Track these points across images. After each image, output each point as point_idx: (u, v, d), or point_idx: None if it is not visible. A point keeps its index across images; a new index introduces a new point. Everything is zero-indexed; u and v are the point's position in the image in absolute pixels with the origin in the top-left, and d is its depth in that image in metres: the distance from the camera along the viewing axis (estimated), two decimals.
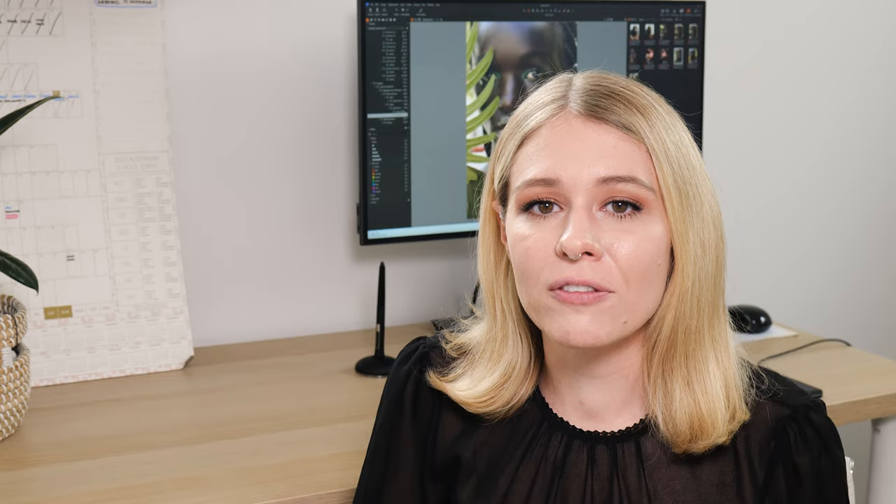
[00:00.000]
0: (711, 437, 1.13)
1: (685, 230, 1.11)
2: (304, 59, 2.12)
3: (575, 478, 1.19)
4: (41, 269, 1.86)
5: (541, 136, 1.13)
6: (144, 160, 1.96)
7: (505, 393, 1.21)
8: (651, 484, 1.16)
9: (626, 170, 1.09)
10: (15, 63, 1.86)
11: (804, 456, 1.16)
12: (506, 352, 1.21)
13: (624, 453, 1.17)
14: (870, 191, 2.78)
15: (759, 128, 2.60)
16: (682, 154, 1.12)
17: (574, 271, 1.09)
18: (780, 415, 1.17)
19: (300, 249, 2.17)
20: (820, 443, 1.16)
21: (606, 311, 1.10)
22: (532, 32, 2.06)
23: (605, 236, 1.09)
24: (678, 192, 1.11)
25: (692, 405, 1.14)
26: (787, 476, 1.16)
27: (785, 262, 2.68)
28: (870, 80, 2.73)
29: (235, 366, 1.98)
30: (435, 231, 2.06)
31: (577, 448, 1.19)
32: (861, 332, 2.67)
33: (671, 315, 1.13)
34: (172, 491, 1.46)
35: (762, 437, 1.16)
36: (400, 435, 1.28)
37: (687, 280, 1.12)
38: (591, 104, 1.12)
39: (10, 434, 1.63)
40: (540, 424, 1.22)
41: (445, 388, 1.24)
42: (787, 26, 2.60)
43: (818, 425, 1.17)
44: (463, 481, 1.24)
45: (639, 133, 1.10)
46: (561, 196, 1.11)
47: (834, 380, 1.91)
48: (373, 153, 2.00)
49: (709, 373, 1.15)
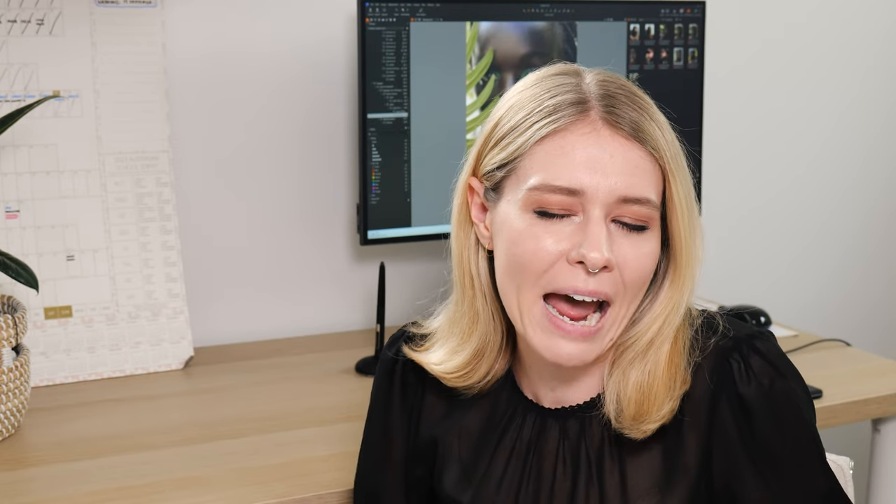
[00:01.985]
0: (654, 419, 1.12)
1: (690, 247, 1.14)
2: (304, 58, 2.12)
3: (548, 454, 1.21)
4: (41, 269, 1.86)
5: (566, 140, 1.12)
6: (144, 160, 1.96)
7: (481, 367, 1.23)
8: (617, 444, 1.17)
9: (643, 192, 1.11)
10: (15, 63, 1.86)
11: (750, 385, 1.12)
12: (477, 328, 1.23)
13: (591, 421, 1.19)
14: (870, 189, 2.78)
15: (758, 126, 2.60)
16: (682, 169, 1.14)
17: (582, 281, 1.10)
18: (722, 347, 1.14)
19: (300, 249, 2.17)
20: (769, 370, 1.12)
21: (600, 337, 1.13)
22: (532, 32, 2.06)
23: (617, 249, 1.11)
24: (686, 211, 1.14)
25: (642, 388, 1.14)
26: (733, 409, 1.12)
27: (784, 262, 2.68)
28: (869, 79, 2.73)
29: (235, 366, 1.98)
30: (435, 231, 2.06)
31: (550, 426, 1.21)
32: (861, 332, 2.67)
33: (658, 324, 1.15)
34: (172, 491, 1.46)
35: (709, 376, 1.14)
36: (390, 415, 1.31)
37: (686, 292, 1.15)
38: (618, 114, 1.12)
39: (10, 434, 1.63)
40: (515, 408, 1.24)
41: (419, 359, 1.26)
42: (786, 24, 2.60)
43: (765, 352, 1.13)
44: (445, 468, 1.26)
45: (661, 155, 1.12)
46: (578, 205, 1.11)
47: (834, 380, 1.91)
48: (373, 153, 2.00)
49: (663, 358, 1.15)
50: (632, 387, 1.14)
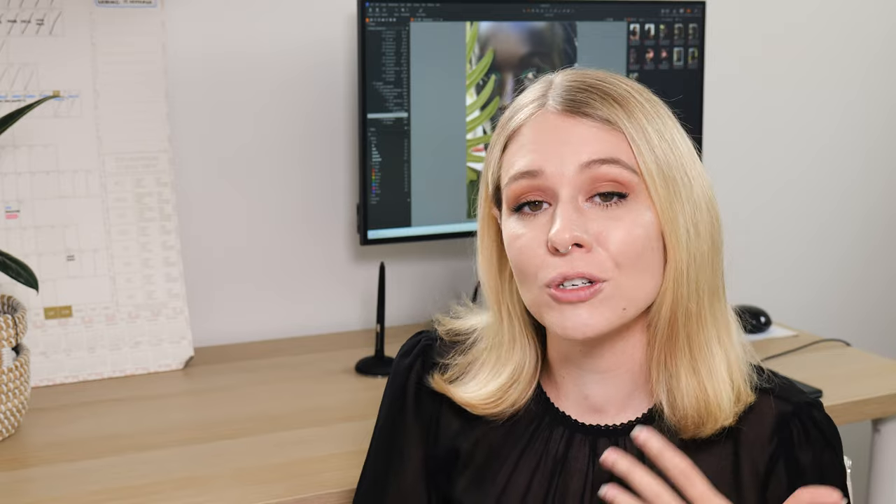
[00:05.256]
0: (719, 421, 1.13)
1: (673, 215, 1.11)
2: (304, 59, 2.12)
3: (576, 472, 1.19)
4: (41, 269, 1.86)
5: (522, 135, 1.14)
6: (144, 160, 1.96)
7: (511, 394, 1.21)
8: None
9: (608, 152, 1.10)
10: (15, 63, 1.86)
11: (807, 452, 1.15)
12: (514, 354, 1.21)
13: (626, 446, 1.17)
14: (870, 190, 2.78)
15: (758, 126, 2.60)
16: (665, 139, 1.13)
17: (567, 265, 1.09)
18: (782, 410, 1.17)
19: (300, 249, 2.17)
20: (822, 440, 1.16)
21: (604, 301, 1.10)
22: (532, 32, 2.06)
23: (593, 226, 1.10)
24: (662, 176, 1.11)
25: (698, 388, 1.14)
26: (789, 472, 1.15)
27: (784, 262, 2.68)
28: (870, 79, 2.73)
29: (235, 366, 1.98)
30: (435, 231, 2.06)
31: (579, 442, 1.19)
32: (861, 332, 2.67)
33: (669, 299, 1.13)
34: (172, 491, 1.46)
35: (763, 431, 1.16)
36: (404, 429, 1.27)
37: (681, 263, 1.12)
38: (568, 99, 1.13)
39: (10, 434, 1.63)
40: (542, 418, 1.22)
41: (449, 392, 1.24)
42: (787, 24, 2.60)
43: (820, 422, 1.17)
44: (464, 477, 1.24)
45: (616, 122, 1.11)
46: (547, 190, 1.11)
47: (834, 380, 1.91)
48: (373, 153, 2.00)
49: (712, 354, 1.14)
50: (685, 390, 1.14)
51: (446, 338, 1.28)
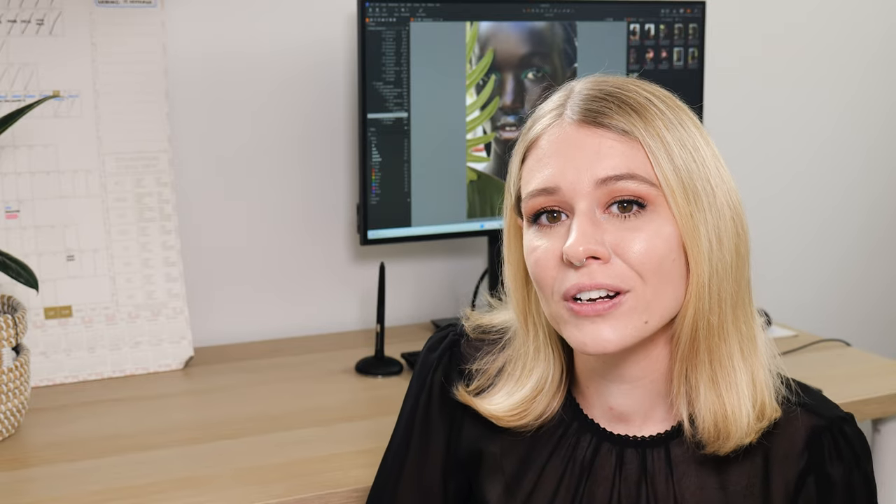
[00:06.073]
0: (735, 438, 1.11)
1: (694, 226, 1.10)
2: (304, 59, 2.12)
3: (603, 480, 1.18)
4: (41, 269, 1.86)
5: (539, 148, 1.13)
6: (144, 160, 1.96)
7: (537, 406, 1.20)
8: (679, 491, 1.15)
9: (624, 168, 1.08)
10: (15, 63, 1.86)
11: (837, 468, 1.14)
12: (538, 364, 1.20)
13: (654, 458, 1.16)
14: (870, 189, 2.78)
15: (758, 126, 2.60)
16: (686, 147, 1.11)
17: (585, 277, 1.07)
18: (813, 424, 1.15)
19: (300, 249, 2.17)
20: (853, 456, 1.15)
21: (625, 314, 1.08)
22: (532, 32, 2.06)
23: (610, 237, 1.08)
24: (682, 186, 1.09)
25: (716, 403, 1.12)
26: (819, 487, 1.14)
27: (784, 261, 2.68)
28: (869, 78, 2.73)
29: (235, 366, 1.98)
30: (435, 231, 2.06)
31: (606, 450, 1.18)
32: (861, 332, 2.67)
33: (691, 311, 1.11)
34: (172, 491, 1.46)
35: (794, 445, 1.15)
36: (429, 422, 1.26)
37: (703, 274, 1.10)
38: (585, 109, 1.11)
39: (10, 434, 1.63)
40: (569, 424, 1.21)
41: (473, 404, 1.22)
42: (786, 23, 2.60)
43: (852, 438, 1.15)
44: (489, 479, 1.23)
45: (633, 132, 1.09)
46: (564, 203, 1.10)
47: (834, 380, 1.91)
48: (373, 153, 2.00)
49: (734, 369, 1.13)
50: (703, 404, 1.12)
51: (472, 335, 1.27)
